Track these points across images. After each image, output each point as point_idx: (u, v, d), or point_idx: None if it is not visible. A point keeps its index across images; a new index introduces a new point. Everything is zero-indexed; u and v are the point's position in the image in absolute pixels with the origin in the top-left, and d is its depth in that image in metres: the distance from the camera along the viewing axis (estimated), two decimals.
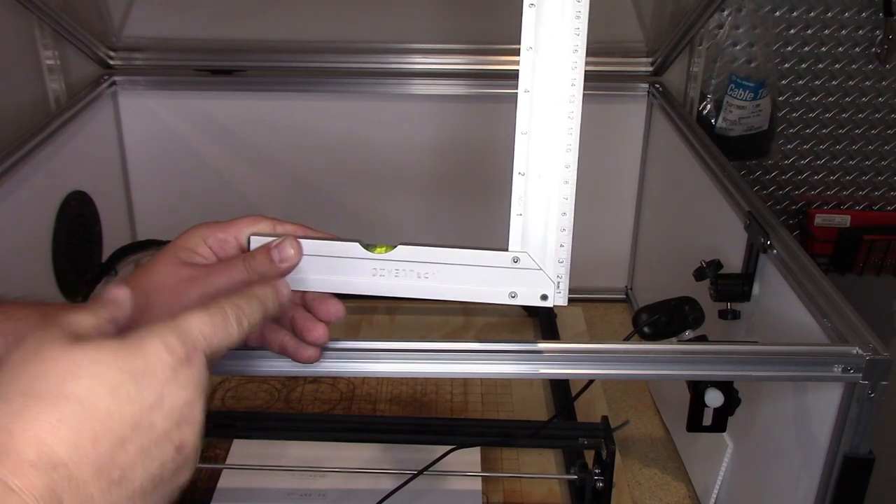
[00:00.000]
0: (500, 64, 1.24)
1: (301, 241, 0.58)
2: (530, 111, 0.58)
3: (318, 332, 0.59)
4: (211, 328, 0.45)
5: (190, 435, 0.42)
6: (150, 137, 1.29)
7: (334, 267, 0.59)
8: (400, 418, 1.06)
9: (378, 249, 0.59)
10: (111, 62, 1.27)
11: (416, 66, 1.26)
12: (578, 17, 0.57)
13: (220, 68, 1.26)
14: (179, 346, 0.42)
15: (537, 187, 0.58)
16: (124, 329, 0.45)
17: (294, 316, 0.59)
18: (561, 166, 0.58)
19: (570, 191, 0.59)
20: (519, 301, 0.60)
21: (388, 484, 0.87)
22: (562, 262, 0.60)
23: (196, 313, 0.45)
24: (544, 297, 0.60)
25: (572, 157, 0.58)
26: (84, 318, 0.43)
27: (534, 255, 0.59)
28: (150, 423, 0.40)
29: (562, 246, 0.59)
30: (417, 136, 1.29)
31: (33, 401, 0.38)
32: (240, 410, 1.08)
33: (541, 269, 0.59)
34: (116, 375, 0.39)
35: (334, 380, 1.14)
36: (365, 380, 1.14)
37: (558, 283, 0.60)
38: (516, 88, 0.57)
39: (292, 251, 0.58)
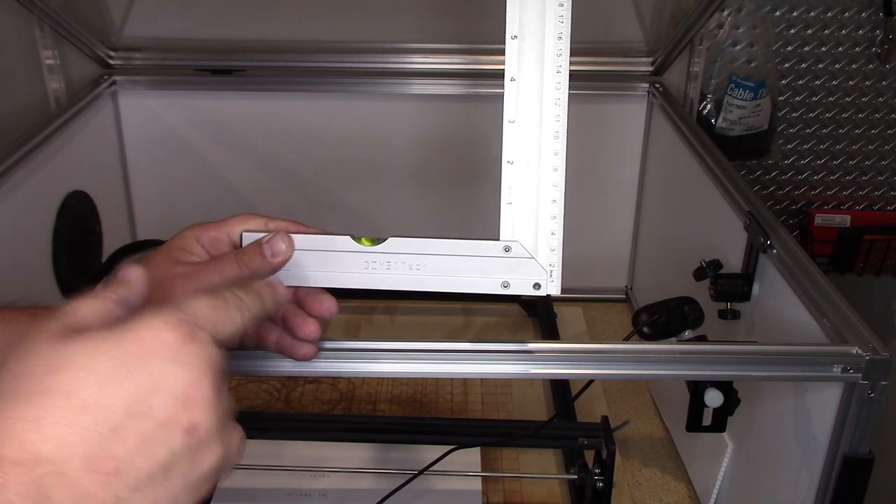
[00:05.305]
0: (495, 64, 1.24)
1: (293, 236, 0.58)
2: (517, 99, 0.58)
3: (310, 327, 0.58)
4: (212, 310, 0.44)
5: (202, 415, 0.40)
6: (150, 137, 1.29)
7: (326, 261, 0.59)
8: (400, 418, 1.06)
9: (369, 242, 0.59)
10: (111, 62, 1.27)
11: (413, 65, 1.26)
12: (562, 5, 0.57)
13: (220, 68, 1.26)
14: (181, 324, 0.41)
15: (526, 175, 0.58)
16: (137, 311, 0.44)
17: (286, 312, 0.59)
18: (549, 153, 0.58)
19: (559, 178, 0.58)
20: (512, 290, 0.59)
21: (388, 484, 0.87)
22: (553, 251, 0.59)
23: (198, 297, 0.44)
24: (537, 286, 0.59)
25: (560, 144, 0.58)
26: (84, 306, 0.42)
27: (525, 244, 0.59)
28: (149, 408, 0.39)
29: (553, 234, 0.59)
30: (415, 134, 1.29)
31: (14, 399, 0.37)
32: (240, 410, 1.07)
33: (532, 257, 0.59)
34: (105, 362, 0.38)
35: (334, 380, 1.14)
36: (365, 380, 1.14)
37: (551, 271, 0.59)
38: None
39: (284, 246, 0.58)
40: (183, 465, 0.40)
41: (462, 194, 1.30)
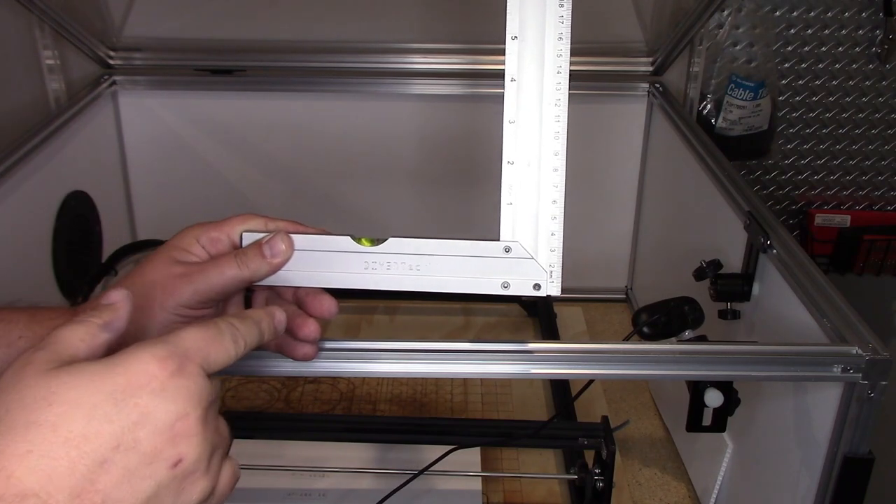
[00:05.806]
0: (495, 64, 1.24)
1: (293, 236, 0.58)
2: (517, 100, 0.58)
3: (310, 328, 0.58)
4: (205, 341, 0.44)
5: (188, 449, 0.41)
6: (150, 137, 1.29)
7: (326, 262, 0.59)
8: (400, 418, 1.06)
9: (369, 242, 0.59)
10: (111, 62, 1.27)
11: (413, 65, 1.27)
12: (562, 6, 0.57)
13: (220, 68, 1.26)
14: (170, 357, 0.41)
15: (526, 176, 0.58)
16: (123, 333, 0.45)
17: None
18: (550, 154, 0.58)
19: (559, 178, 0.58)
20: (512, 291, 0.59)
21: (388, 484, 0.87)
22: (554, 251, 0.59)
23: (189, 328, 0.44)
24: (537, 287, 0.59)
25: (561, 145, 0.58)
26: (73, 333, 0.42)
27: (525, 244, 0.59)
28: (135, 441, 0.39)
29: (553, 234, 0.59)
30: (415, 134, 1.30)
31: (2, 433, 0.37)
32: (240, 410, 1.08)
33: (532, 257, 0.59)
34: (93, 397, 0.39)
35: (334, 380, 1.14)
36: (365, 380, 1.14)
37: (551, 271, 0.59)
38: None
39: (283, 246, 0.58)
40: (168, 498, 0.40)
41: (462, 194, 1.30)
